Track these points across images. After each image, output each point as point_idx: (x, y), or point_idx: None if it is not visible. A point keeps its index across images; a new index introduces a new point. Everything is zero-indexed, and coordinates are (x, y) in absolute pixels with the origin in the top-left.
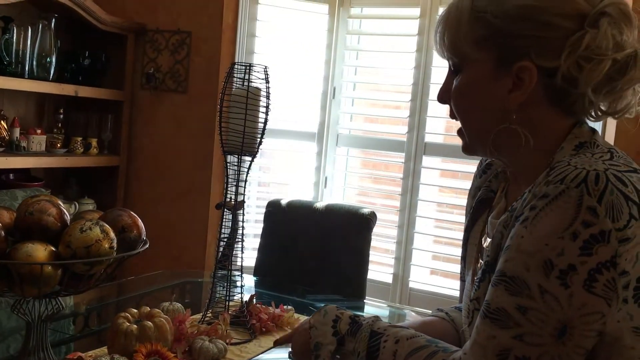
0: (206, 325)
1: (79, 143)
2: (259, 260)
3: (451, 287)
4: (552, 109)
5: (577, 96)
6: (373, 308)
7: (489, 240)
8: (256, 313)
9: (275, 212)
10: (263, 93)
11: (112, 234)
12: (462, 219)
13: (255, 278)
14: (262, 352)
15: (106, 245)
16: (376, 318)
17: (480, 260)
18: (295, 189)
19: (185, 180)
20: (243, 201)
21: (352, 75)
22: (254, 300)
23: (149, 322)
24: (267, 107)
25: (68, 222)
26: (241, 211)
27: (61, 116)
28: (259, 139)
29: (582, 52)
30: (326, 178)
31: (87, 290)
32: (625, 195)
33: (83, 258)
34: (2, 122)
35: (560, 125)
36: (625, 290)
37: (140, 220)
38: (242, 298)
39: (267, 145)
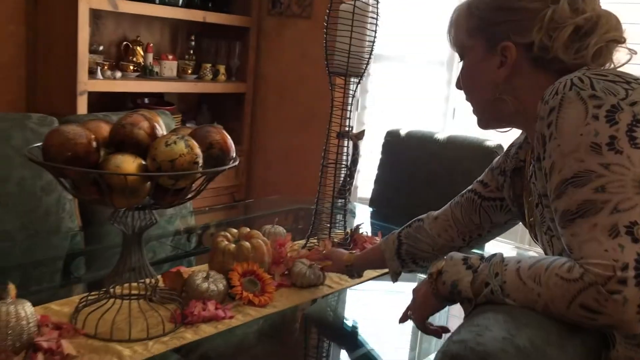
0: (307, 251)
1: (208, 70)
2: (375, 192)
3: None
4: (537, 75)
5: (552, 58)
6: (495, 247)
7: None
8: (361, 242)
9: (393, 142)
10: (373, 9)
11: (197, 150)
12: None
13: (371, 209)
14: (359, 283)
15: (190, 160)
16: None
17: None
18: (422, 119)
19: (308, 107)
20: (363, 131)
21: None
22: (360, 229)
23: (247, 243)
24: (375, 25)
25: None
26: (352, 141)
27: (192, 43)
28: (366, 60)
29: (548, 24)
30: (454, 109)
31: (178, 204)
32: (610, 80)
33: (167, 171)
34: (138, 47)
35: (547, 85)
36: None
37: (229, 138)
38: (344, 225)
39: (394, 73)
